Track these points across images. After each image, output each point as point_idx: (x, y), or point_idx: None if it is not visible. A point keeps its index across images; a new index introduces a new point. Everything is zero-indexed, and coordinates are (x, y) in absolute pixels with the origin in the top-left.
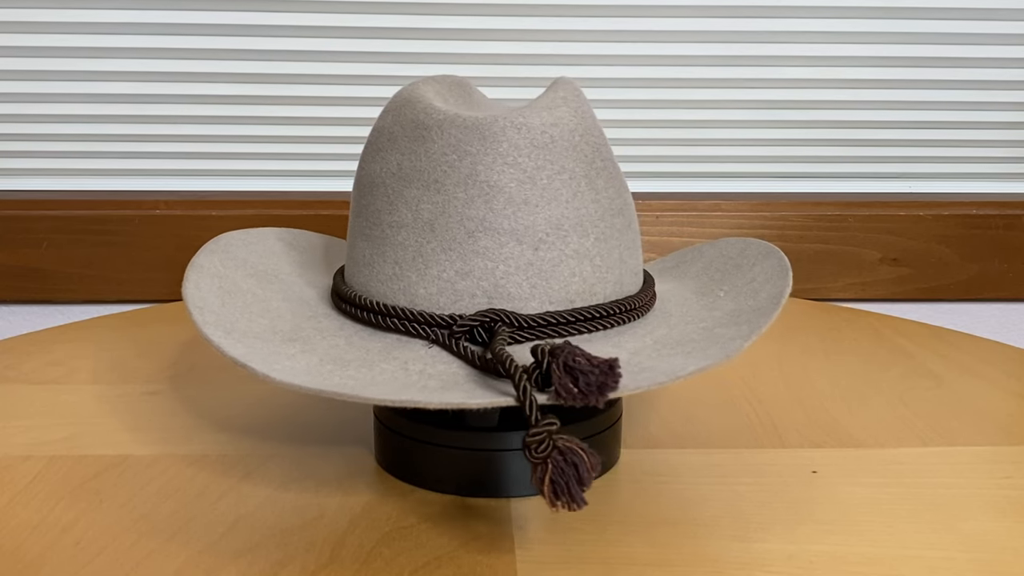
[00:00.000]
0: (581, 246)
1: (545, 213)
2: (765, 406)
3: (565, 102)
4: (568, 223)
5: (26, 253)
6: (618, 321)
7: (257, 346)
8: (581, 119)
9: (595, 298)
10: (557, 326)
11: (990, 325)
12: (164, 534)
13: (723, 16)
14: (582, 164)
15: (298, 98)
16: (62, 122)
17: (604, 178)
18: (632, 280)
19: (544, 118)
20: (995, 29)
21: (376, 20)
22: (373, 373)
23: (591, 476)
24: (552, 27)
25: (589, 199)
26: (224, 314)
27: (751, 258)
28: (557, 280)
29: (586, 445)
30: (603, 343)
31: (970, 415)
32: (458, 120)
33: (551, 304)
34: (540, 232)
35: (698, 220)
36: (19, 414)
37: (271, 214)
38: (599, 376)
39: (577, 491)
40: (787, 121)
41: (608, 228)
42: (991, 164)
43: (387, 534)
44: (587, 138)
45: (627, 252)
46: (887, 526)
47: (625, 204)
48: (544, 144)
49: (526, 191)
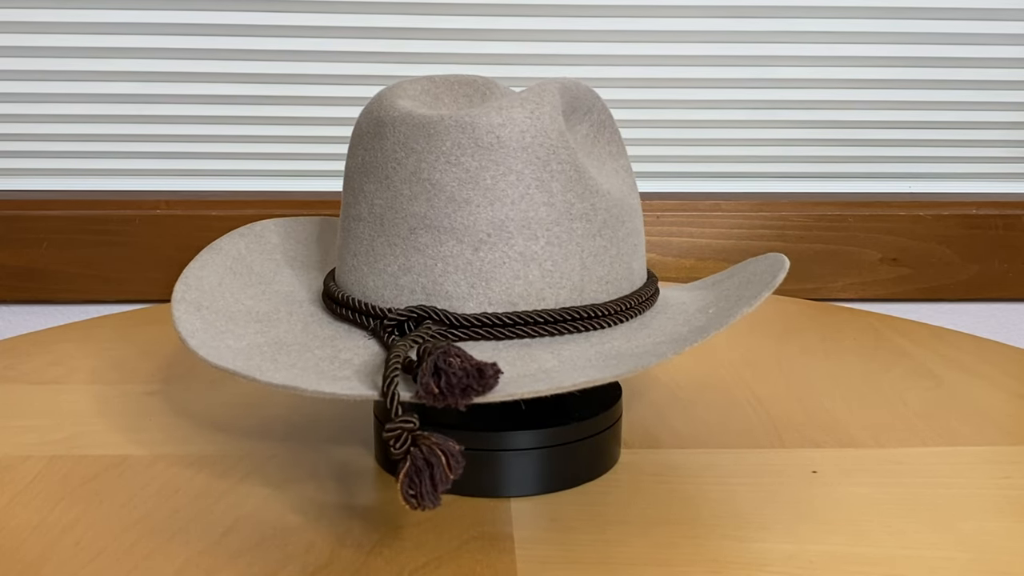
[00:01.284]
0: (527, 249)
1: (487, 214)
2: (765, 406)
3: (524, 103)
4: (513, 225)
5: (26, 253)
6: (568, 329)
7: (217, 323)
8: (536, 121)
9: (543, 303)
10: (493, 327)
11: (990, 325)
12: (164, 534)
13: (723, 16)
14: (533, 166)
15: (298, 98)
16: (62, 122)
17: (561, 181)
18: (598, 288)
19: (492, 118)
20: (995, 29)
21: (376, 20)
22: (303, 359)
23: (447, 478)
24: (552, 27)
25: (540, 202)
26: (213, 292)
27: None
28: (498, 282)
29: (454, 448)
30: (541, 349)
31: (970, 415)
32: (409, 118)
33: (490, 305)
34: (481, 233)
35: (698, 220)
36: (19, 414)
37: (271, 214)
38: (464, 379)
39: (429, 491)
40: (787, 121)
41: (564, 233)
42: (991, 164)
43: (387, 534)
44: (540, 140)
45: (593, 259)
46: (887, 526)
47: (592, 209)
48: (489, 145)
49: (468, 191)
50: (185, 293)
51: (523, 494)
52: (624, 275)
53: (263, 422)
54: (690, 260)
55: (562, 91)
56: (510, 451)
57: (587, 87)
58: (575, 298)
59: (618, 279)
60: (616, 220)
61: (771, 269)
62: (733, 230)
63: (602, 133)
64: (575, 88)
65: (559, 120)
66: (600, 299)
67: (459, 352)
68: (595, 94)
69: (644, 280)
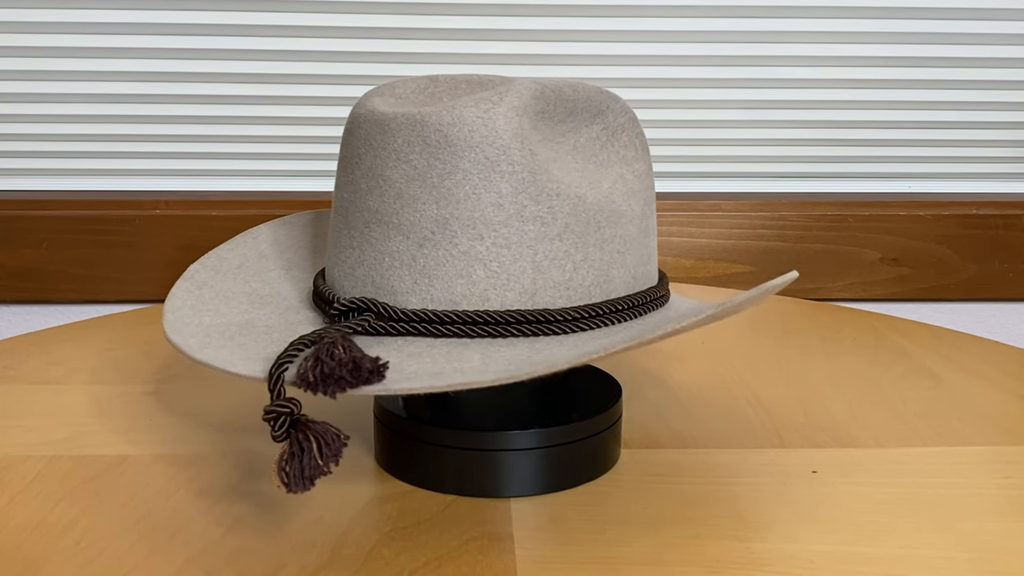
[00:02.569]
0: (472, 248)
1: (432, 211)
2: (765, 406)
3: (478, 103)
4: (457, 224)
5: (26, 253)
6: (508, 332)
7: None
8: (486, 120)
9: (487, 304)
10: (430, 324)
11: (990, 325)
12: (164, 534)
13: (723, 16)
14: (481, 166)
15: (298, 98)
16: (62, 122)
17: (511, 183)
18: (554, 294)
19: (442, 117)
20: (995, 29)
21: (376, 20)
22: (258, 340)
23: (318, 465)
24: (552, 27)
25: (488, 202)
26: (229, 273)
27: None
28: (440, 280)
29: (334, 436)
30: (477, 349)
31: (970, 415)
32: (371, 116)
33: (432, 303)
34: (426, 230)
35: (698, 220)
36: (19, 414)
37: (271, 214)
38: (337, 371)
39: (296, 475)
40: (787, 121)
41: (514, 235)
42: (991, 164)
43: (387, 534)
44: (490, 140)
45: (549, 263)
46: (887, 526)
47: (549, 212)
48: (436, 143)
49: (415, 188)
50: (197, 272)
51: (523, 494)
52: (595, 282)
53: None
54: (690, 260)
55: (541, 92)
56: (510, 451)
57: (601, 90)
58: (524, 301)
59: (585, 286)
60: (589, 225)
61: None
62: (733, 230)
63: (617, 137)
64: (574, 90)
65: (516, 120)
66: (556, 305)
67: (347, 345)
68: (613, 98)
69: (633, 289)
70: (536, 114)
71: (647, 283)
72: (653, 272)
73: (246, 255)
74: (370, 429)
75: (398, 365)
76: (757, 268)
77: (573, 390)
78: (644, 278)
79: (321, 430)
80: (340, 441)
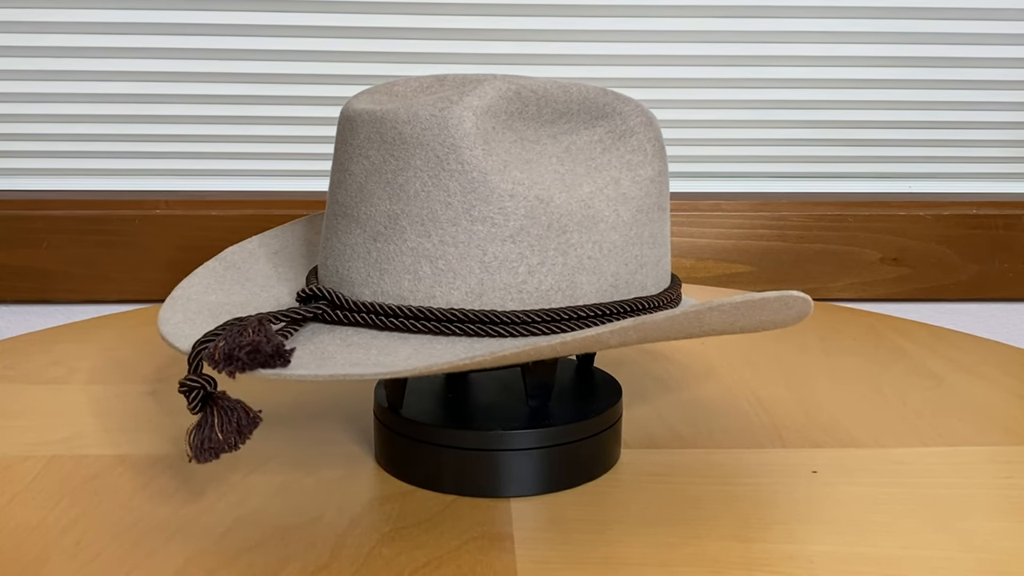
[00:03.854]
0: (420, 245)
1: (385, 206)
2: (765, 406)
3: (437, 101)
4: (406, 219)
5: (26, 253)
6: (452, 330)
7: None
8: (439, 119)
9: (432, 301)
10: (377, 316)
11: (990, 325)
12: (164, 534)
13: (723, 16)
14: (431, 164)
15: (298, 98)
16: (62, 122)
17: (460, 182)
18: (503, 295)
19: (399, 115)
20: (995, 29)
21: (377, 20)
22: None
23: (218, 440)
24: (552, 27)
25: (437, 200)
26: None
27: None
28: (389, 274)
29: (241, 415)
30: (416, 345)
31: (970, 415)
32: (345, 112)
33: (382, 296)
34: (379, 224)
35: (698, 220)
36: (19, 414)
37: (271, 214)
38: (235, 352)
39: (197, 446)
40: (787, 121)
41: (463, 234)
42: (991, 164)
43: (387, 534)
44: (441, 138)
45: (498, 265)
46: (887, 526)
47: (500, 214)
48: (391, 140)
49: (372, 183)
50: (231, 254)
51: (523, 494)
52: (556, 287)
53: (264, 422)
54: (690, 260)
55: (515, 92)
56: (510, 451)
57: (608, 92)
58: (471, 301)
59: (542, 291)
60: (550, 229)
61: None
62: (733, 230)
63: (624, 141)
64: (566, 92)
65: (471, 120)
66: (506, 307)
67: (260, 329)
68: (625, 100)
69: (611, 298)
70: (510, 114)
71: (635, 292)
72: (648, 282)
73: (287, 242)
74: (370, 429)
75: (328, 353)
76: (757, 268)
77: (573, 390)
78: (631, 287)
79: (228, 407)
80: (249, 420)
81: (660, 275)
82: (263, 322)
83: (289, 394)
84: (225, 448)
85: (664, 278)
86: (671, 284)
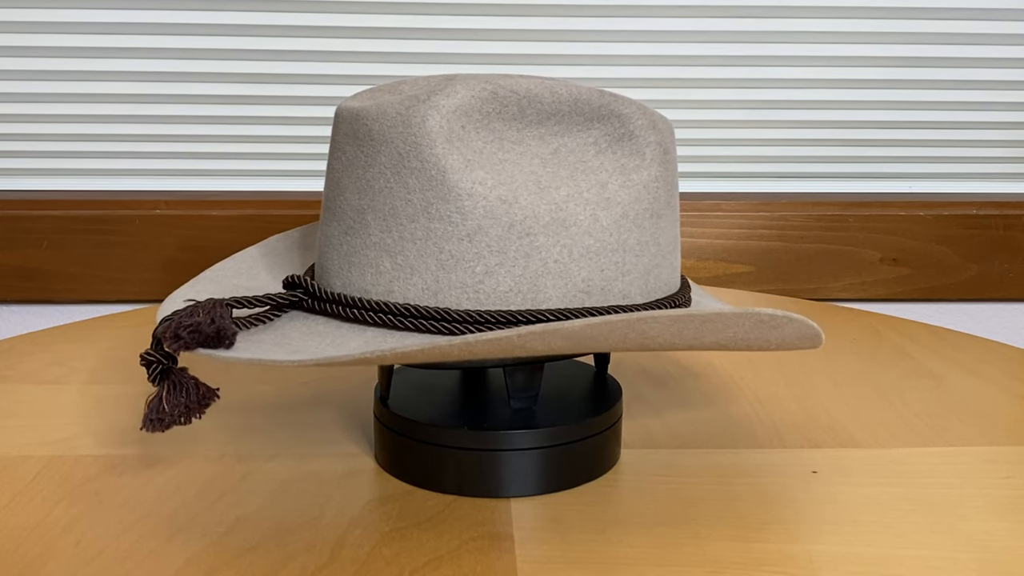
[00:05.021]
0: (382, 240)
1: (354, 201)
2: (765, 406)
3: (403, 100)
4: (371, 214)
5: (26, 253)
6: (406, 325)
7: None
8: (405, 118)
9: (391, 296)
10: (342, 308)
11: (990, 325)
12: (164, 534)
13: (723, 16)
14: (393, 160)
15: (298, 98)
16: (62, 122)
17: (419, 179)
18: (459, 295)
19: (370, 112)
20: (995, 29)
21: (377, 20)
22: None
23: (164, 411)
24: (552, 27)
25: (399, 196)
26: (287, 249)
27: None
28: (356, 267)
29: (192, 388)
30: (362, 336)
31: (970, 415)
32: (336, 110)
33: (349, 288)
34: (349, 218)
35: (698, 220)
36: (19, 414)
37: (271, 214)
38: (179, 330)
39: (147, 416)
40: (787, 121)
41: (421, 231)
42: (991, 164)
43: (387, 534)
44: (404, 135)
45: (454, 264)
46: (887, 526)
47: (458, 213)
48: (361, 136)
49: (346, 178)
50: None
51: (523, 494)
52: (515, 289)
53: (264, 422)
54: (690, 260)
55: (491, 93)
56: (510, 451)
57: (606, 94)
58: (427, 298)
59: (500, 292)
60: (512, 231)
61: None
62: (733, 230)
63: (621, 144)
64: (553, 94)
65: (436, 119)
66: (460, 306)
67: (213, 311)
68: (626, 103)
69: (580, 304)
70: (485, 114)
71: (613, 300)
72: (632, 290)
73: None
74: (370, 429)
75: (288, 339)
76: (757, 268)
77: (573, 390)
78: (608, 295)
79: (180, 382)
80: (199, 396)
81: (653, 284)
82: (218, 305)
83: (288, 394)
84: (173, 420)
85: (659, 288)
86: (674, 294)
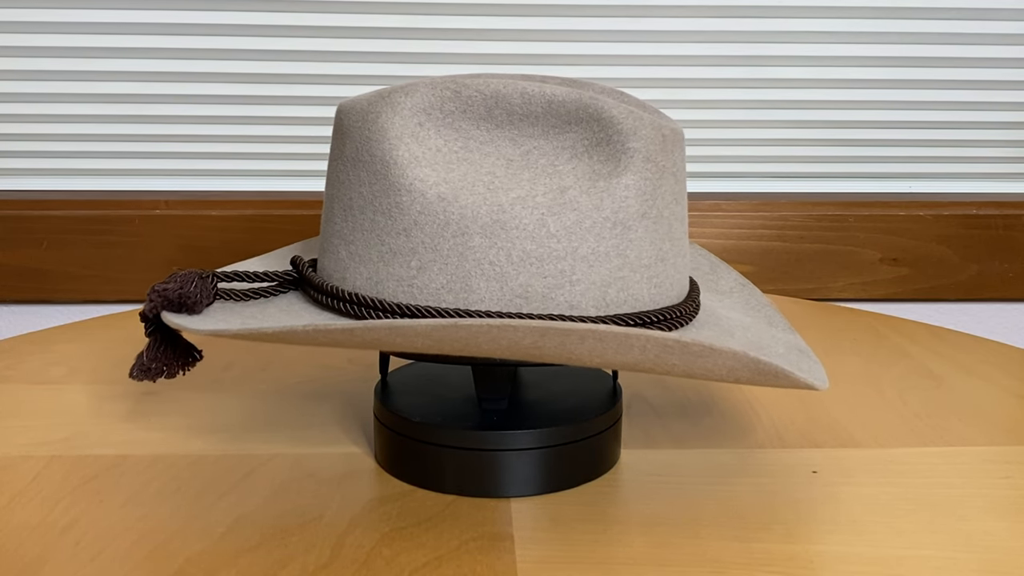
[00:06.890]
0: (341, 230)
1: (330, 191)
2: (765, 406)
3: (371, 97)
4: (336, 204)
5: (26, 253)
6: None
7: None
8: (365, 114)
9: (344, 284)
10: (313, 292)
11: (990, 325)
12: (164, 534)
13: (723, 16)
14: (352, 152)
15: (298, 98)
16: (62, 122)
17: (368, 171)
18: (396, 288)
19: (345, 107)
20: (995, 29)
21: (377, 20)
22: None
23: (146, 365)
24: (552, 27)
25: (354, 188)
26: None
27: None
28: (325, 254)
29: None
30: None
31: (970, 415)
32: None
33: (323, 273)
34: (325, 207)
35: (698, 220)
36: (19, 414)
37: (271, 214)
38: (155, 296)
39: (135, 365)
40: (787, 121)
41: (368, 222)
42: (991, 164)
43: (387, 534)
44: (360, 131)
45: (392, 257)
46: (887, 526)
47: (396, 207)
48: (339, 130)
49: (330, 169)
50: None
51: (523, 494)
52: (447, 287)
53: (264, 422)
54: None
55: (453, 93)
56: (510, 451)
57: (589, 100)
58: (369, 288)
59: (432, 288)
60: (446, 229)
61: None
62: (733, 230)
63: (598, 149)
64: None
65: (390, 116)
66: (397, 299)
67: (193, 282)
68: (615, 106)
69: (518, 309)
70: (448, 113)
71: (556, 309)
72: (585, 302)
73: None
74: (370, 428)
75: (261, 317)
76: (757, 268)
77: (573, 390)
78: (549, 303)
79: (171, 339)
80: (180, 352)
81: (615, 298)
82: (196, 276)
83: (288, 394)
84: (157, 372)
85: (624, 303)
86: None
